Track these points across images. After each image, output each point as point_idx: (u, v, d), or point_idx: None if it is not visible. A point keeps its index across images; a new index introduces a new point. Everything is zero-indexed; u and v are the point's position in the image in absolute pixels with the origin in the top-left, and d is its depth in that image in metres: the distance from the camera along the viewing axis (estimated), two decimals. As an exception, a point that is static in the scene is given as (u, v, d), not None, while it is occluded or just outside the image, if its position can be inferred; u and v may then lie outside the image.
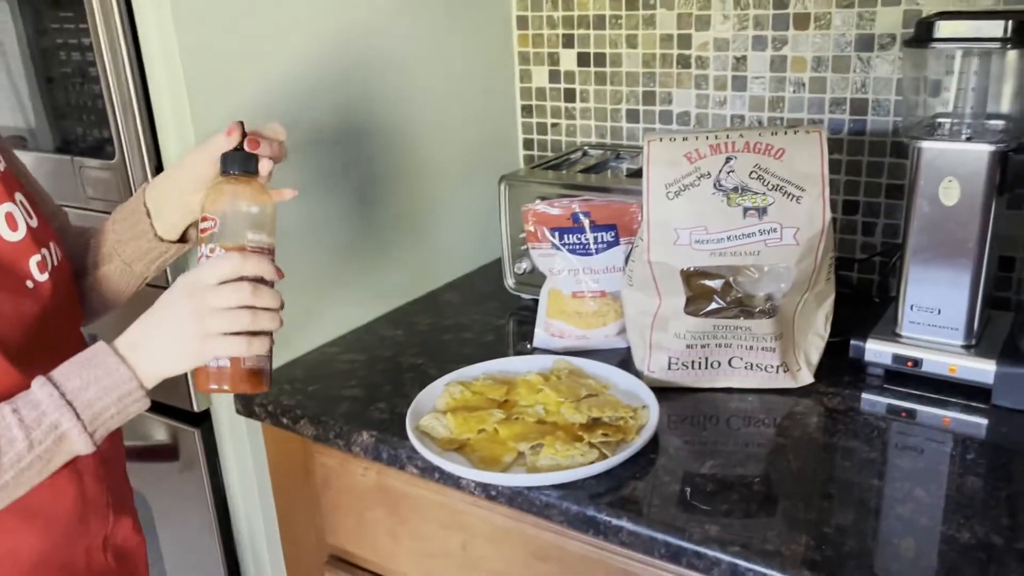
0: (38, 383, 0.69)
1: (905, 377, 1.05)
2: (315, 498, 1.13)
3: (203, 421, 1.16)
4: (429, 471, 0.95)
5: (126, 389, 0.71)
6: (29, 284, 0.75)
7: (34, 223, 0.78)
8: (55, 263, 0.79)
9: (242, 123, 0.80)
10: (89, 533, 0.81)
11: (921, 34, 0.97)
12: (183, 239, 0.90)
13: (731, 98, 1.36)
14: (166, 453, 1.19)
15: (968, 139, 0.97)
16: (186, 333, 0.72)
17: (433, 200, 1.42)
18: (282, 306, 0.78)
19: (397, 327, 1.30)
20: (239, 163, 0.78)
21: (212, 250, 0.76)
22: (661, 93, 1.42)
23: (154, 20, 1.00)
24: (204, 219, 0.77)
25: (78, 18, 1.01)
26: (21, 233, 0.75)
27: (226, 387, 0.76)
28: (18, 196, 0.77)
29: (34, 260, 0.76)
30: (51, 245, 0.79)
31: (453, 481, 0.93)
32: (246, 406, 1.10)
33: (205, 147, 0.82)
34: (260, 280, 0.76)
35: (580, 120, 1.52)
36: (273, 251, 0.80)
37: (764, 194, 0.98)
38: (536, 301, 1.23)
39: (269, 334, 0.77)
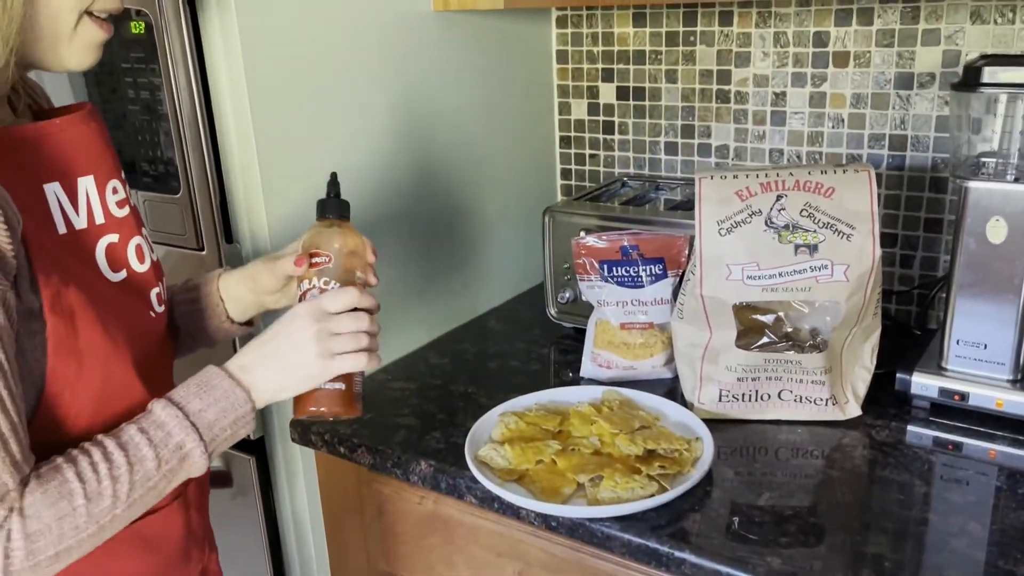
0: (160, 405, 0.72)
1: (951, 410, 1.07)
2: (367, 525, 1.15)
3: (258, 449, 1.18)
4: (488, 501, 0.97)
5: (241, 412, 0.75)
6: (152, 314, 0.79)
7: (154, 257, 0.82)
8: (166, 298, 0.84)
9: (335, 174, 0.87)
10: (190, 564, 0.84)
11: (969, 79, 0.99)
12: (248, 323, 0.96)
13: (770, 132, 1.39)
14: (221, 480, 1.21)
15: (1016, 180, 1.00)
16: (310, 354, 0.77)
17: (476, 230, 1.45)
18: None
19: (444, 355, 1.32)
20: (340, 209, 0.86)
21: (327, 283, 0.82)
22: (700, 127, 1.45)
23: (223, 59, 1.03)
24: (316, 254, 0.83)
25: (148, 58, 1.05)
26: (147, 266, 0.79)
27: (336, 409, 0.81)
28: (144, 231, 0.82)
29: (154, 292, 0.80)
30: (163, 281, 0.83)
31: (512, 511, 0.95)
32: (302, 435, 1.13)
33: (279, 262, 0.88)
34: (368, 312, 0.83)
35: (618, 152, 1.55)
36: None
37: (815, 231, 1.01)
38: (577, 330, 1.25)
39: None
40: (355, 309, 0.81)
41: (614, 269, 1.18)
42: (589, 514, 0.90)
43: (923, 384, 1.07)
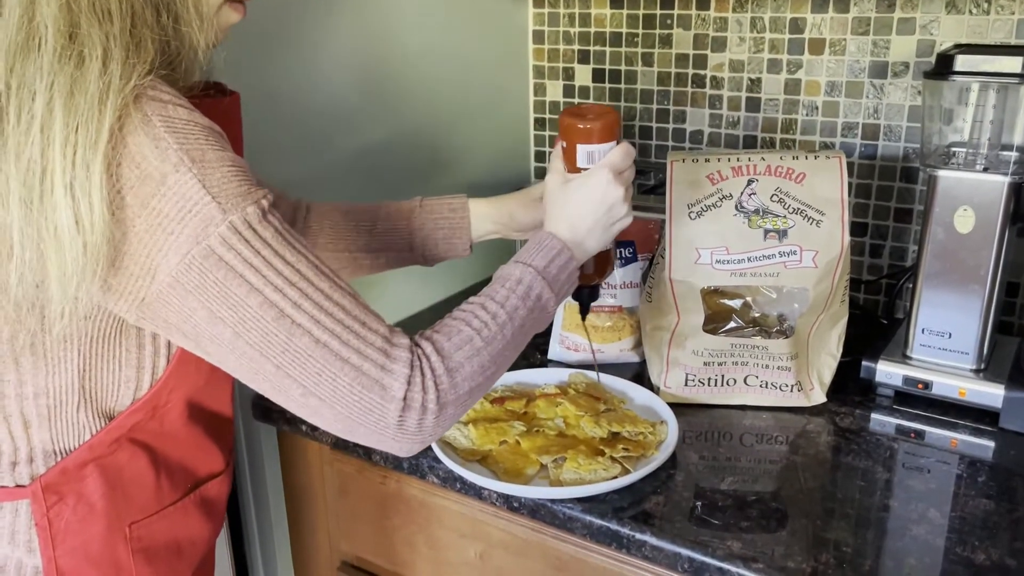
0: (510, 265, 0.78)
1: (914, 398, 1.08)
2: (329, 505, 1.14)
3: (219, 425, 1.16)
4: (451, 481, 0.96)
5: (570, 269, 0.81)
6: None
7: None
8: None
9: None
10: (219, 531, 0.86)
11: (941, 67, 0.99)
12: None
13: (744, 119, 1.38)
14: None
15: (985, 169, 1.00)
16: (622, 211, 0.85)
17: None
18: None
19: (421, 325, 1.30)
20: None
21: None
22: (675, 111, 1.44)
23: None
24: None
25: None
26: None
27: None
28: None
29: None
30: None
31: (475, 491, 0.94)
32: (264, 412, 1.11)
33: (529, 199, 1.00)
34: None
35: (593, 135, 1.53)
36: None
37: (785, 217, 1.00)
38: (549, 313, 1.24)
39: None
40: None
41: (584, 251, 1.17)
42: (551, 495, 0.89)
43: (888, 372, 1.07)
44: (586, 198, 0.84)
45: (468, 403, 0.70)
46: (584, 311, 0.96)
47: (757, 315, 1.09)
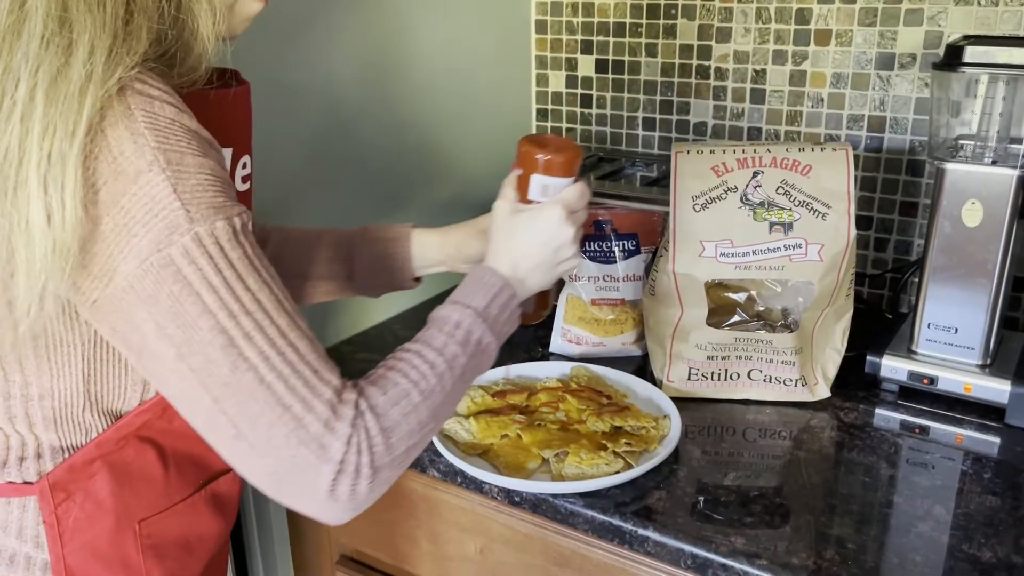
0: (448, 307, 0.74)
1: (919, 394, 1.07)
2: (329, 497, 1.13)
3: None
4: (452, 475, 0.95)
5: (511, 307, 0.77)
6: None
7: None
8: None
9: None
10: (230, 527, 0.85)
11: (950, 58, 0.98)
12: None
13: (749, 110, 1.37)
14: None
15: (993, 162, 0.99)
16: (570, 252, 0.82)
17: (448, 202, 1.42)
18: None
19: (411, 328, 1.29)
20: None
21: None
22: (678, 102, 1.43)
23: None
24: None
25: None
26: None
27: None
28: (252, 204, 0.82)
29: None
30: None
31: (475, 486, 0.93)
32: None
33: (477, 230, 0.95)
34: None
35: (596, 126, 1.52)
36: None
37: (790, 209, 0.99)
38: (550, 306, 1.23)
39: None
40: None
41: (587, 244, 1.16)
42: (553, 490, 0.89)
43: (893, 367, 1.06)
44: (534, 234, 0.80)
45: (403, 464, 0.65)
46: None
47: (761, 309, 1.07)
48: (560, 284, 1.08)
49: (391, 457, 0.63)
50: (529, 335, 1.27)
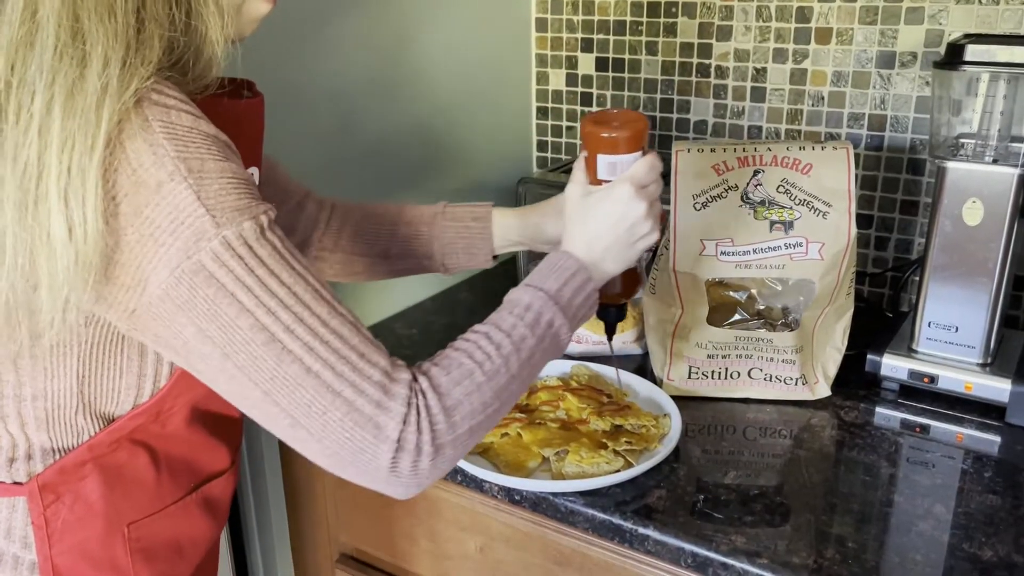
0: (520, 289, 0.73)
1: (920, 392, 1.07)
2: (328, 497, 1.13)
3: (217, 415, 1.15)
4: (452, 473, 0.95)
5: (588, 291, 0.76)
6: None
7: None
8: None
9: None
10: (221, 529, 0.85)
11: (951, 57, 0.98)
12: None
13: (749, 109, 1.37)
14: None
15: (994, 161, 0.99)
16: (645, 229, 0.79)
17: (447, 197, 1.42)
18: None
19: (412, 326, 1.30)
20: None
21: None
22: (679, 101, 1.43)
23: None
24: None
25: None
26: None
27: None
28: None
29: None
30: None
31: (475, 484, 0.93)
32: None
33: (555, 210, 0.93)
34: None
35: (596, 124, 1.52)
36: None
37: (791, 208, 0.99)
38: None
39: None
40: None
41: (587, 242, 1.16)
42: (553, 488, 0.88)
43: (893, 366, 1.06)
44: (605, 214, 0.78)
45: (468, 443, 0.65)
46: (610, 332, 0.90)
47: (762, 307, 1.07)
48: (653, 256, 1.04)
49: (454, 435, 0.63)
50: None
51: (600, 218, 0.78)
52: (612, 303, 0.87)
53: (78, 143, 0.55)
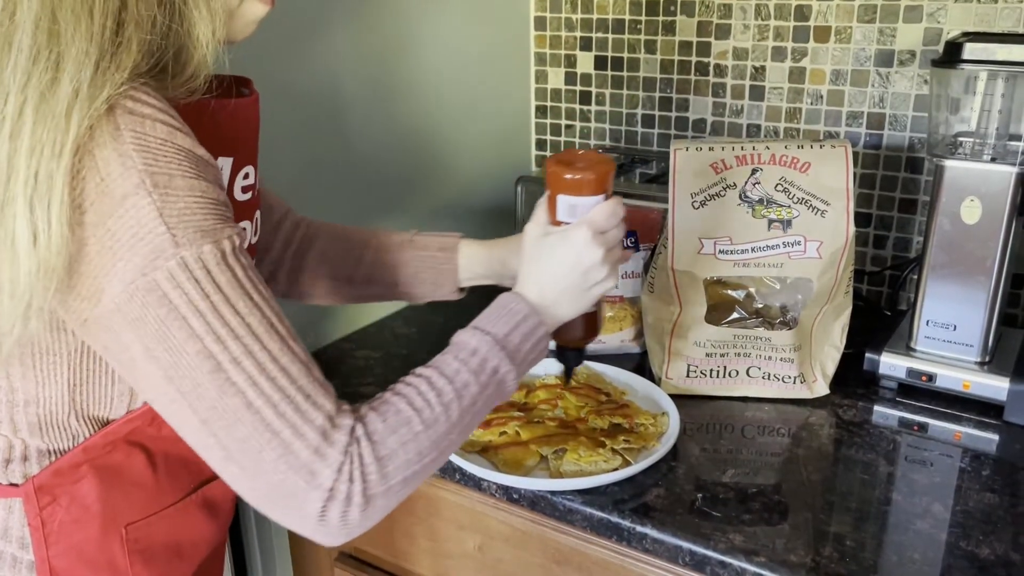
0: (467, 332, 0.71)
1: (918, 391, 1.07)
2: (328, 494, 1.13)
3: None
4: (450, 472, 0.95)
5: (538, 337, 0.74)
6: None
7: (253, 240, 0.79)
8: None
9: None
10: (224, 530, 0.84)
11: (949, 55, 0.98)
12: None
13: (748, 107, 1.37)
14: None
15: (992, 159, 0.99)
16: (600, 275, 0.76)
17: (448, 198, 1.42)
18: None
19: (411, 325, 1.30)
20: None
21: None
22: (678, 99, 1.43)
23: None
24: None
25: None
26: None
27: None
28: (257, 213, 0.79)
29: None
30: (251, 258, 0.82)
31: (474, 483, 0.93)
32: (262, 401, 1.10)
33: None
34: None
35: (595, 123, 1.52)
36: None
37: (789, 207, 0.99)
38: (550, 303, 1.23)
39: None
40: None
41: (585, 241, 1.16)
42: (551, 487, 0.89)
43: (891, 364, 1.06)
44: (560, 258, 0.75)
45: (402, 494, 0.64)
46: (567, 375, 0.88)
47: (760, 306, 1.07)
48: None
49: (386, 486, 0.61)
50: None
51: (555, 261, 0.76)
52: (571, 347, 0.84)
53: (46, 149, 0.54)
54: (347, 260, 0.97)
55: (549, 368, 1.11)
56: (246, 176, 0.75)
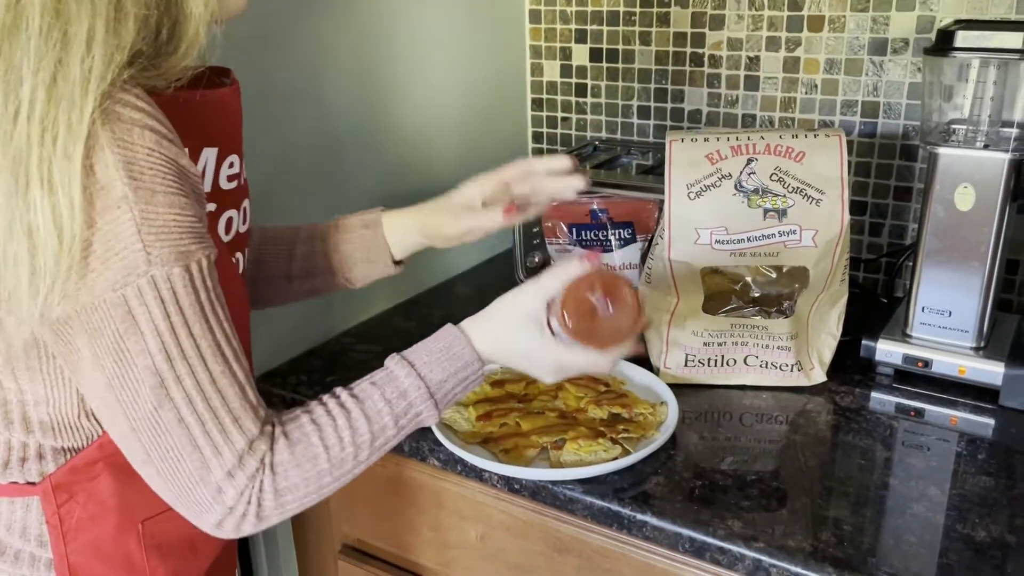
0: (403, 369, 0.73)
1: (914, 377, 1.08)
2: (330, 488, 1.14)
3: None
4: (452, 463, 0.96)
5: (472, 380, 0.76)
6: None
7: (242, 229, 0.80)
8: (243, 267, 0.82)
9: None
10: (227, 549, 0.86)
11: (942, 43, 0.98)
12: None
13: (743, 97, 1.37)
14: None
15: (985, 146, 0.99)
16: (544, 377, 0.80)
17: (442, 190, 1.43)
18: None
19: (410, 319, 1.30)
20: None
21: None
22: (673, 91, 1.43)
23: None
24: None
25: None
26: (230, 237, 0.77)
27: None
28: (245, 202, 0.80)
29: (236, 257, 0.79)
30: (244, 251, 0.82)
31: (475, 474, 0.94)
32: (264, 396, 1.10)
33: (465, 218, 0.92)
34: None
35: (591, 115, 1.53)
36: None
37: (784, 196, 1.00)
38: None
39: None
40: None
41: (583, 232, 1.17)
42: (552, 476, 0.89)
43: (888, 351, 1.07)
44: (526, 347, 0.76)
45: (294, 513, 0.68)
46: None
47: (757, 295, 1.08)
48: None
49: (280, 512, 0.66)
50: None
51: (521, 342, 0.77)
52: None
53: (62, 128, 0.55)
54: (280, 259, 0.96)
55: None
56: (231, 165, 0.75)
